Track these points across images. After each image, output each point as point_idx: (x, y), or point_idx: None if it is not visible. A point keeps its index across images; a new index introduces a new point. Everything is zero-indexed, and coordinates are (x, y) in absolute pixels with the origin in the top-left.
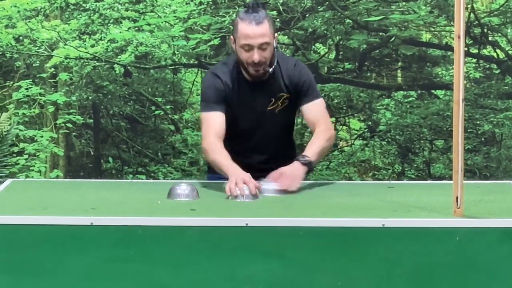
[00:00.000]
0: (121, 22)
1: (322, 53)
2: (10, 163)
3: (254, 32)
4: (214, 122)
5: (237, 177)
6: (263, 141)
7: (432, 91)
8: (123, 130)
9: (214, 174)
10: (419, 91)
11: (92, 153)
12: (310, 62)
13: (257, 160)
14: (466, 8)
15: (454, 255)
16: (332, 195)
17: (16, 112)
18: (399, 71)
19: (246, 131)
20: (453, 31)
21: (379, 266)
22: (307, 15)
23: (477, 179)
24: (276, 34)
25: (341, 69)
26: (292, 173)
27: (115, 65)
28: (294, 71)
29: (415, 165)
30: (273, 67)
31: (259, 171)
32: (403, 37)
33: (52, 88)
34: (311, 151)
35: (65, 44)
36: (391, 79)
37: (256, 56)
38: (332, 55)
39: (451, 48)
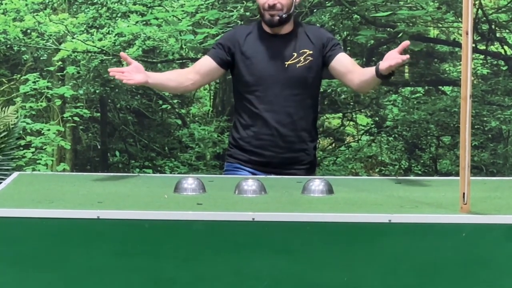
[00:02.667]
0: (128, 16)
1: None
2: (16, 156)
3: None
4: (203, 63)
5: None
6: (280, 97)
7: (440, 87)
8: (130, 124)
9: (231, 163)
10: (426, 87)
11: (99, 147)
12: None
13: (272, 120)
14: (474, 5)
15: (461, 251)
16: (339, 191)
17: (23, 105)
18: (406, 67)
19: (263, 83)
20: (461, 27)
21: (385, 261)
22: (315, 10)
23: (484, 175)
24: None
25: None
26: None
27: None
28: (319, 29)
29: (422, 161)
30: (290, 12)
31: (274, 138)
32: (411, 33)
33: (60, 82)
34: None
35: (73, 38)
36: (398, 75)
37: None
38: None
39: (458, 44)
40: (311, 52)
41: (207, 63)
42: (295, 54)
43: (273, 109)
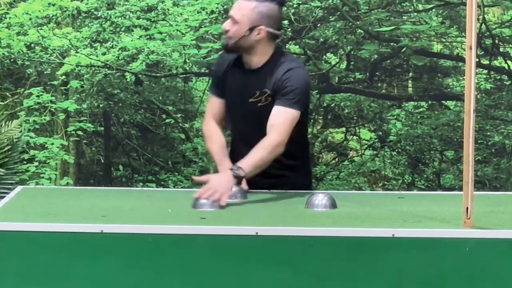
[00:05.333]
0: (132, 30)
1: (333, 63)
2: (20, 170)
3: (236, 3)
4: (214, 106)
5: (215, 186)
6: (249, 134)
7: (443, 101)
8: (133, 138)
9: None
10: (429, 102)
11: (102, 161)
12: (321, 72)
13: (245, 150)
14: (478, 19)
15: (464, 266)
16: (342, 205)
17: (27, 119)
18: (410, 81)
19: (235, 118)
20: (465, 42)
21: (389, 276)
22: (318, 25)
23: (487, 190)
24: (259, 28)
25: (352, 79)
26: (219, 184)
27: (126, 73)
28: (283, 75)
29: (425, 176)
30: (231, 44)
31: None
32: (415, 48)
33: (63, 96)
34: (250, 163)
35: (77, 52)
36: (402, 89)
37: (225, 23)
38: (343, 65)
39: (462, 59)
40: (270, 92)
41: (219, 105)
42: (258, 93)
43: (244, 141)
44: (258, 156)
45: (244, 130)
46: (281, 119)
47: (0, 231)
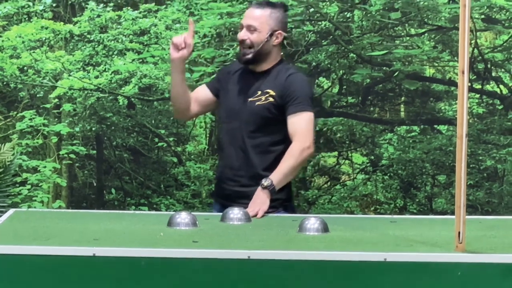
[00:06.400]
0: (125, 54)
1: (325, 87)
2: (12, 193)
3: (249, 13)
4: (198, 90)
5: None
6: (238, 132)
7: (435, 126)
8: (126, 161)
9: (217, 204)
10: (422, 126)
11: (94, 184)
12: (314, 95)
13: (229, 152)
14: (470, 44)
15: None
16: (334, 229)
17: (20, 142)
18: (402, 105)
19: (229, 117)
20: (457, 66)
21: None
22: (311, 49)
23: (479, 214)
24: (278, 32)
25: (344, 103)
26: (257, 205)
27: (119, 97)
28: (287, 79)
29: (417, 200)
30: (253, 53)
31: (229, 170)
32: (407, 72)
33: (56, 119)
34: (278, 173)
35: (69, 75)
36: (394, 113)
37: (241, 33)
38: (336, 89)
39: (454, 83)
40: (273, 93)
41: (203, 92)
42: (259, 92)
43: (232, 142)
44: (287, 164)
45: (234, 129)
46: (300, 125)
47: None
